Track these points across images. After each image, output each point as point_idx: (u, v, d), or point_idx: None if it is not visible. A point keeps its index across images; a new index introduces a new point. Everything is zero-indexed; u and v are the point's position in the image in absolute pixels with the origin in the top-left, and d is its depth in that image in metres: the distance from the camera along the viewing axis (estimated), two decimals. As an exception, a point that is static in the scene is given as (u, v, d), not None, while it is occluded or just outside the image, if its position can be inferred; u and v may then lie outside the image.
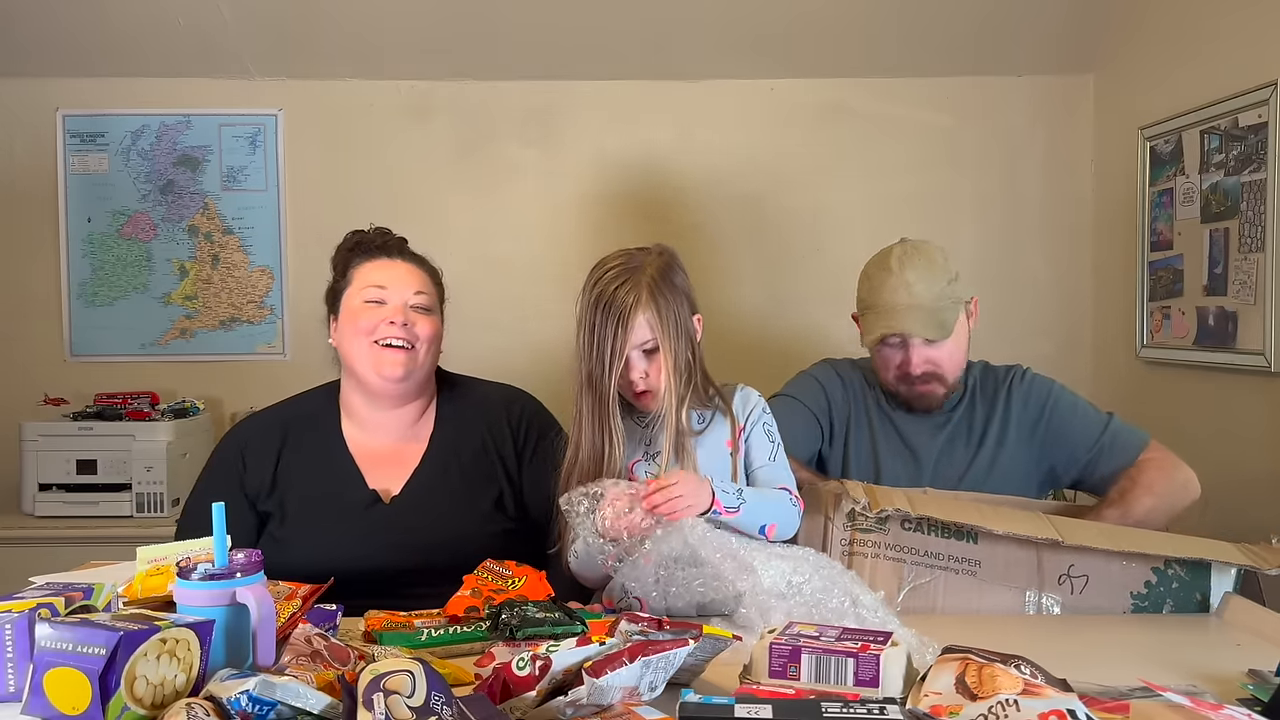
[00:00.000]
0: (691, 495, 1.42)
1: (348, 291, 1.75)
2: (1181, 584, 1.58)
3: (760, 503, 1.50)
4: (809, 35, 2.90)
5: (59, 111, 3.01)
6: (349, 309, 1.74)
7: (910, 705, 1.02)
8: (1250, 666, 1.26)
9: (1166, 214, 2.61)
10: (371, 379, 1.72)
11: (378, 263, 1.76)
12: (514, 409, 1.83)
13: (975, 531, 1.58)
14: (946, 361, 1.89)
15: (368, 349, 1.70)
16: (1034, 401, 1.93)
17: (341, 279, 1.78)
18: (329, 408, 1.81)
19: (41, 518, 2.71)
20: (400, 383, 1.71)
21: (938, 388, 1.91)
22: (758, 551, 1.40)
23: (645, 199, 3.02)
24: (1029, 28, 2.88)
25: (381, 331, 1.70)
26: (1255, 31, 2.29)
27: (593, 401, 1.51)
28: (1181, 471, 1.81)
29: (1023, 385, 1.95)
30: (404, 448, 1.77)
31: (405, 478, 1.74)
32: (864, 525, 1.60)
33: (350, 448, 1.76)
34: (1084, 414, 1.92)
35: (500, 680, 1.03)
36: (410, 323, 1.71)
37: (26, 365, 3.00)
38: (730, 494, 1.46)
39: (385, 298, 1.72)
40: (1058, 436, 1.89)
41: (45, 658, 0.99)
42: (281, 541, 1.66)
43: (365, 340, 1.71)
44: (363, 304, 1.72)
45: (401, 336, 1.70)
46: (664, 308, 1.49)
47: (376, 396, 1.75)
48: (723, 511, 1.44)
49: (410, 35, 2.88)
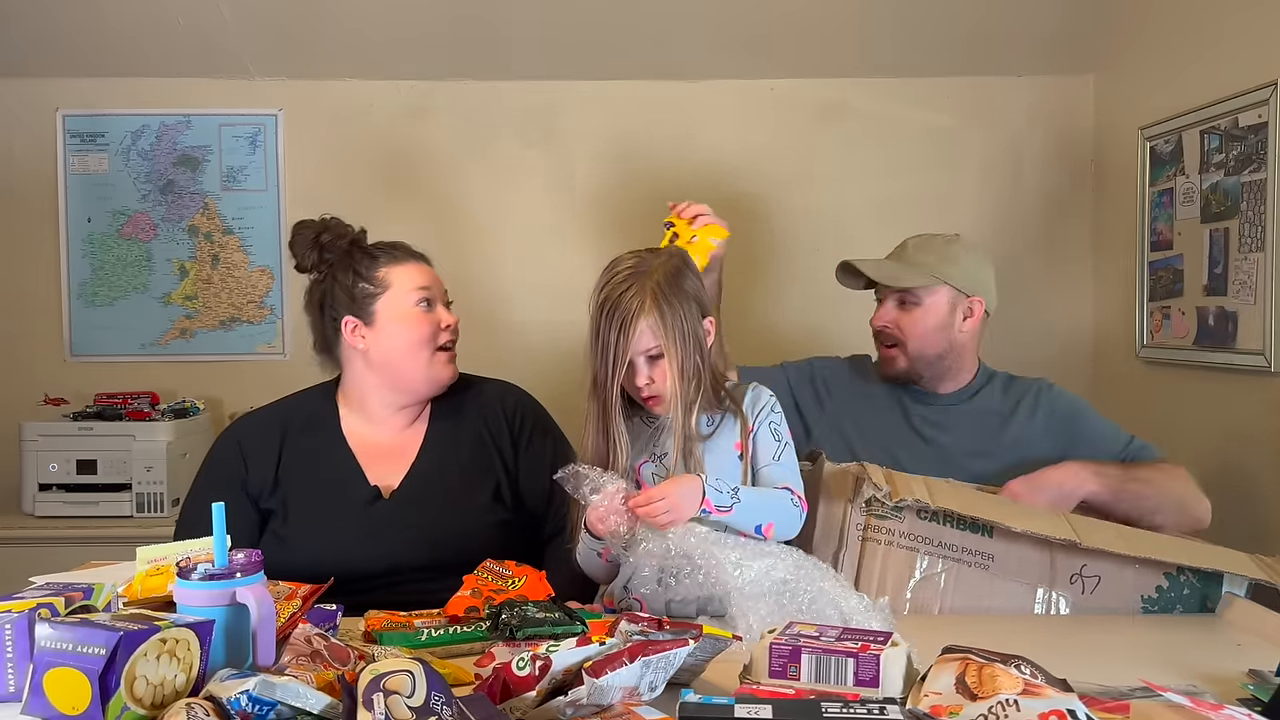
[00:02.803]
0: (676, 509, 1.40)
1: (384, 297, 1.73)
2: (1193, 590, 1.58)
3: (758, 502, 1.48)
4: (809, 35, 2.90)
5: (59, 111, 3.01)
6: (398, 316, 1.72)
7: (910, 705, 1.02)
8: (1250, 666, 1.26)
9: (1166, 214, 2.61)
10: (424, 387, 1.74)
11: (409, 266, 1.75)
12: (508, 401, 1.84)
13: (991, 526, 1.58)
14: (909, 330, 1.94)
15: (429, 358, 1.72)
16: (1061, 408, 1.95)
17: (364, 282, 1.74)
18: (326, 405, 1.81)
19: (41, 518, 2.71)
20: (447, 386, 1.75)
21: (899, 357, 1.96)
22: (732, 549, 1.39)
23: (645, 199, 3.01)
24: (1029, 28, 2.88)
25: (441, 338, 1.73)
26: (1255, 31, 2.29)
27: (597, 406, 1.51)
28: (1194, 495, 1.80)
29: (1051, 393, 1.98)
30: (403, 441, 1.78)
31: (404, 471, 1.74)
32: (880, 511, 1.60)
33: (350, 443, 1.76)
34: (1110, 428, 1.93)
35: (500, 680, 1.03)
36: (454, 323, 1.76)
37: (26, 365, 2.99)
38: (724, 493, 1.44)
39: (432, 297, 1.74)
40: (1082, 442, 1.88)
41: (45, 658, 0.99)
42: (284, 539, 1.67)
43: (427, 350, 1.72)
44: (415, 310, 1.72)
45: (452, 340, 1.75)
46: (669, 314, 1.47)
47: (405, 396, 1.76)
48: (713, 510, 1.43)
49: (410, 35, 2.88)
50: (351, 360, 1.77)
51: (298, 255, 1.78)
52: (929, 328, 1.94)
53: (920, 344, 1.94)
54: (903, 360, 1.95)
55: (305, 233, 1.77)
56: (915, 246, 1.99)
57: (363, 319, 1.74)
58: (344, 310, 1.74)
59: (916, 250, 1.98)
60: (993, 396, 1.98)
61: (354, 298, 1.74)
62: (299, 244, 1.78)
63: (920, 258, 1.96)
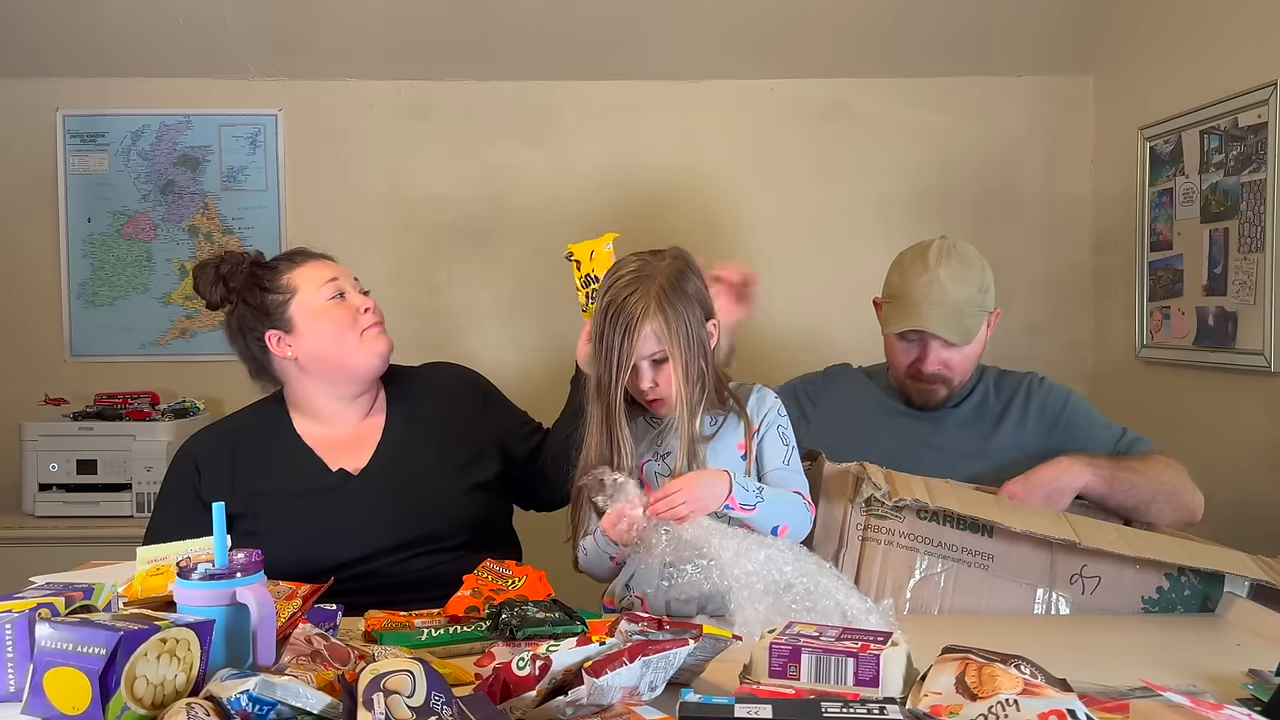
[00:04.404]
0: (695, 499, 1.40)
1: (295, 300, 1.76)
2: (1194, 591, 1.58)
3: (777, 504, 1.48)
4: (809, 35, 2.90)
5: (59, 111, 3.01)
6: (313, 314, 1.75)
7: (910, 705, 1.02)
8: (1250, 666, 1.26)
9: (1166, 214, 2.61)
10: (367, 365, 1.78)
11: (309, 266, 1.79)
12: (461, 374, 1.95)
13: (991, 526, 1.57)
14: (958, 366, 1.90)
15: (357, 340, 1.76)
16: (1052, 405, 1.93)
17: (272, 294, 1.76)
18: (276, 412, 1.83)
19: (41, 518, 2.71)
20: (389, 357, 1.80)
21: (941, 389, 1.91)
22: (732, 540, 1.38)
23: (645, 199, 3.02)
24: (1028, 28, 2.88)
25: (363, 320, 1.76)
26: (1255, 31, 2.29)
27: (601, 409, 1.51)
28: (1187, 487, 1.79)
29: (1041, 389, 1.96)
30: (363, 431, 1.81)
31: (369, 455, 1.77)
32: (879, 511, 1.60)
33: (308, 441, 1.79)
34: (1102, 423, 1.92)
35: (500, 680, 1.03)
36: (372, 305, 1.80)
37: (26, 365, 3.00)
38: (750, 491, 1.45)
39: (341, 288, 1.77)
40: (1075, 440, 1.88)
41: (45, 658, 0.99)
42: (256, 535, 1.65)
43: (353, 333, 1.75)
44: (328, 304, 1.75)
45: (377, 320, 1.79)
46: (673, 318, 1.47)
47: (353, 385, 1.79)
48: (737, 508, 1.43)
49: (410, 35, 2.88)
50: (287, 371, 1.79)
51: (204, 293, 1.79)
52: (974, 358, 1.92)
53: (965, 375, 1.93)
54: (944, 391, 1.92)
55: (205, 271, 1.79)
56: (954, 282, 1.86)
57: (282, 328, 1.76)
58: (263, 326, 1.77)
59: (955, 285, 1.86)
60: (985, 396, 1.97)
61: (268, 311, 1.76)
62: (202, 283, 1.79)
63: (966, 294, 1.86)
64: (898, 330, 1.89)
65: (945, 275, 1.86)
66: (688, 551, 1.42)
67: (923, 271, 1.87)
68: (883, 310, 1.97)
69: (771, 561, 1.35)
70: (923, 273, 1.87)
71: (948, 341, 1.86)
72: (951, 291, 1.85)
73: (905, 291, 1.89)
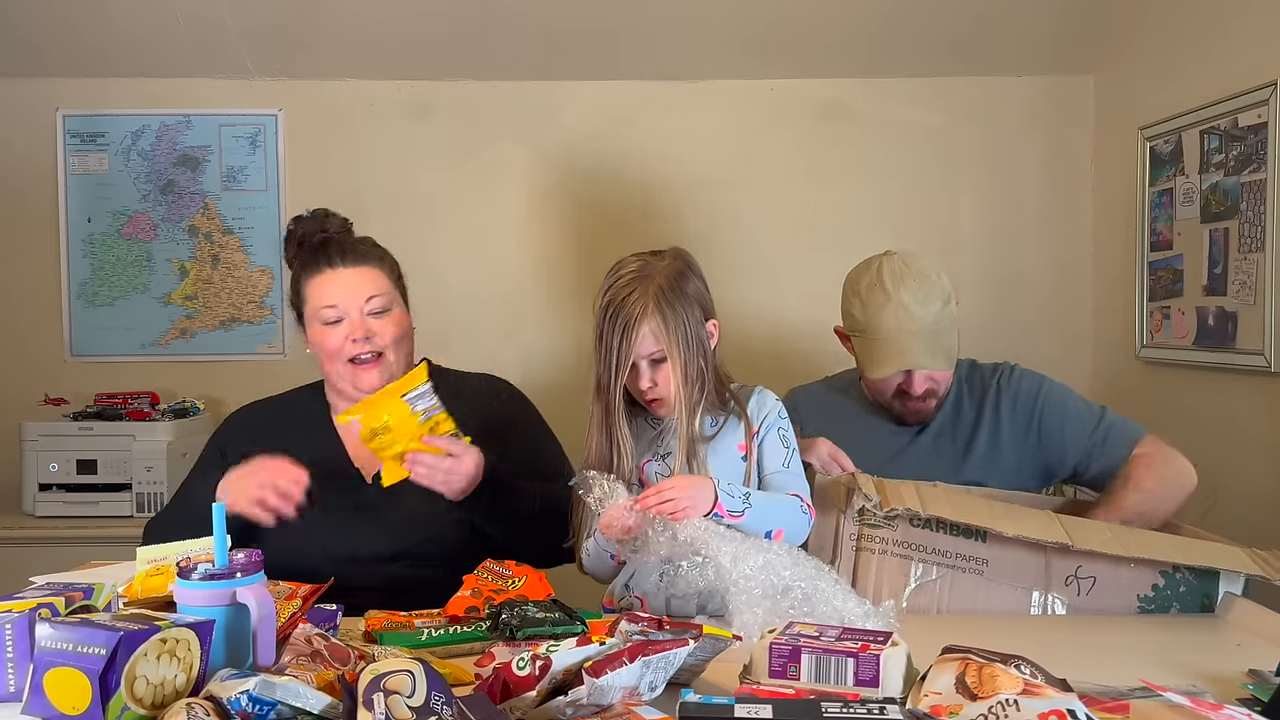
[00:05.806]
0: (688, 499, 1.40)
1: (305, 311, 1.77)
2: (1190, 588, 1.58)
3: (769, 507, 1.47)
4: (809, 35, 2.90)
5: (59, 111, 3.01)
6: (313, 330, 1.76)
7: (910, 705, 1.02)
8: (1250, 666, 1.26)
9: (1166, 214, 2.61)
10: (350, 394, 1.76)
11: (323, 277, 1.75)
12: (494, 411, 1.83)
13: (984, 531, 1.58)
14: (944, 380, 1.90)
15: (342, 368, 1.74)
16: (1023, 402, 1.91)
17: (297, 297, 1.78)
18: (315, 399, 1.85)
19: (41, 518, 2.71)
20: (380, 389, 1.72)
21: (932, 401, 1.91)
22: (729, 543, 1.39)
23: (645, 199, 3.02)
24: (1028, 28, 2.88)
25: (348, 350, 1.72)
26: (1255, 31, 2.29)
27: (600, 408, 1.51)
28: (1174, 464, 1.79)
29: (1011, 385, 1.93)
30: None
31: None
32: (872, 520, 1.60)
33: (340, 433, 1.79)
34: (1076, 412, 1.90)
35: (500, 680, 1.03)
36: (371, 333, 1.72)
37: (26, 365, 2.99)
38: (735, 498, 1.43)
39: (340, 314, 1.72)
40: (1050, 438, 1.88)
41: (45, 658, 0.99)
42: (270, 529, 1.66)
43: (338, 362, 1.73)
44: (322, 327, 1.73)
45: (366, 350, 1.72)
46: (671, 318, 1.47)
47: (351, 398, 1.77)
48: (725, 515, 1.42)
49: (410, 35, 2.88)
50: None
51: (287, 249, 1.82)
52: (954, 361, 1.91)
53: (950, 380, 1.92)
54: (934, 402, 1.91)
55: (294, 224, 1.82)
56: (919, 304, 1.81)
57: (302, 323, 1.80)
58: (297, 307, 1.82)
59: (921, 307, 1.82)
60: (958, 401, 1.95)
61: (297, 308, 1.81)
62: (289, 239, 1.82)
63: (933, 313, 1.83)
64: (883, 375, 1.85)
65: (909, 299, 1.81)
66: (684, 549, 1.42)
67: (885, 301, 1.82)
68: (852, 345, 1.94)
69: (770, 565, 1.35)
70: (885, 302, 1.82)
71: None
72: (920, 316, 1.81)
73: (873, 325, 1.85)
